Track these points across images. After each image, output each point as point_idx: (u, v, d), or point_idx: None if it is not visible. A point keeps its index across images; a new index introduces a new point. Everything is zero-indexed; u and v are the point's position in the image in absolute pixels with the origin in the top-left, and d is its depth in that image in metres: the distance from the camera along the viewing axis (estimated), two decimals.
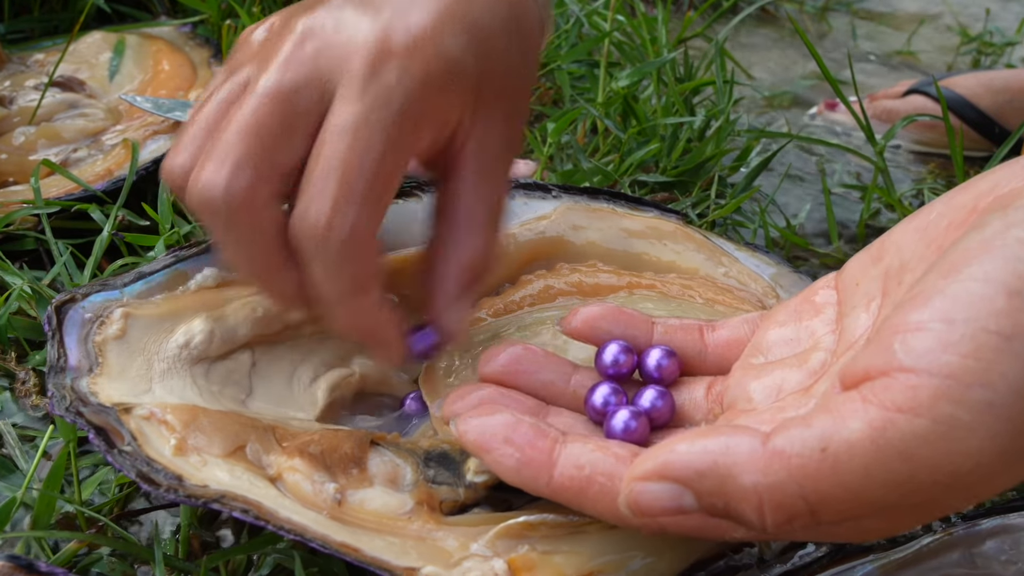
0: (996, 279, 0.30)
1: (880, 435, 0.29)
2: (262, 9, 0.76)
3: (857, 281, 0.39)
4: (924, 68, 1.05)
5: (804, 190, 0.78)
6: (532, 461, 0.35)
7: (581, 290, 0.52)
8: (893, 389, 0.30)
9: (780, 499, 0.30)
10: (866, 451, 0.29)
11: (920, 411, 0.29)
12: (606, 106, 0.75)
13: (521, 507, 0.40)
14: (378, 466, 0.41)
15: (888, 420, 0.29)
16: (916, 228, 0.37)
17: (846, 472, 0.30)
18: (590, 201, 0.56)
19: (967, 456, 0.29)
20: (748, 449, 0.31)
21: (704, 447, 0.32)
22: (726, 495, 0.31)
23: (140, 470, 0.38)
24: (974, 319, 0.29)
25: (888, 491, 0.30)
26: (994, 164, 0.70)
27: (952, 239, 0.34)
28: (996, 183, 0.34)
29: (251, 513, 0.37)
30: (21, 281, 0.53)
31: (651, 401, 0.41)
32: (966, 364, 0.29)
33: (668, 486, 0.32)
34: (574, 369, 0.43)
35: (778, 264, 0.56)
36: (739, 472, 0.31)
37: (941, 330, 0.30)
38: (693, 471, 0.31)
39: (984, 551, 0.41)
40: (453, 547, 0.38)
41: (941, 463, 0.29)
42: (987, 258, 0.30)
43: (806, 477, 0.30)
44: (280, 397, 0.46)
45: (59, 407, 0.40)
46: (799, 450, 0.30)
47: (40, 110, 0.67)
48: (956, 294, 0.30)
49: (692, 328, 0.43)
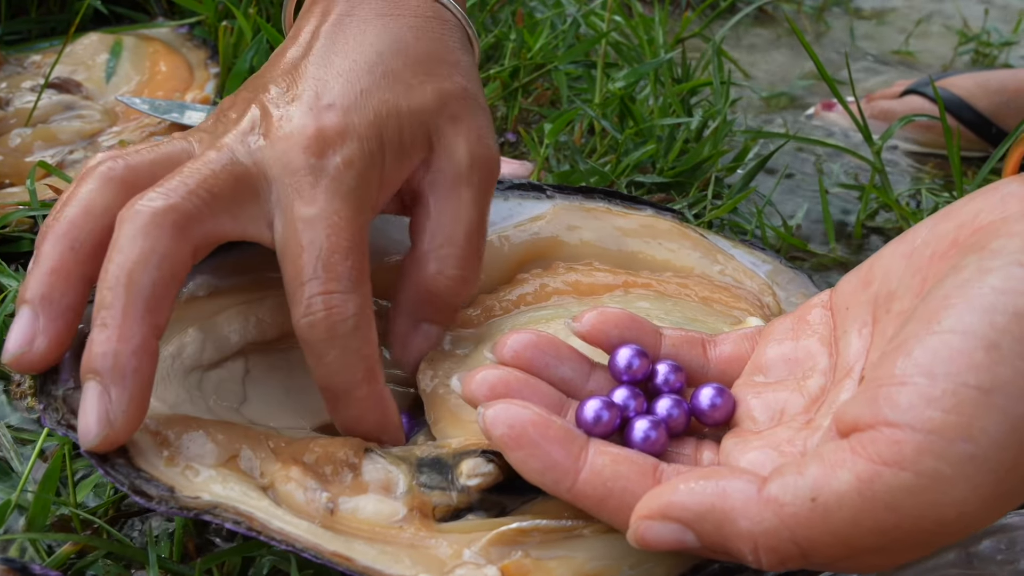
0: (974, 332, 0.31)
1: (867, 487, 0.31)
2: (258, 11, 0.76)
3: (847, 305, 0.40)
4: (922, 68, 1.05)
5: (801, 190, 0.78)
6: (557, 465, 0.36)
7: (577, 289, 0.52)
8: (879, 443, 0.31)
9: (773, 544, 0.32)
10: (854, 502, 0.31)
11: (905, 465, 0.31)
12: (603, 107, 0.75)
13: (515, 511, 0.40)
14: (371, 473, 0.41)
15: (875, 473, 0.31)
16: (903, 255, 0.38)
17: (835, 521, 0.31)
18: (585, 200, 0.56)
19: (951, 507, 0.31)
20: (744, 495, 0.33)
21: (704, 490, 0.34)
22: (724, 536, 0.33)
23: (132, 482, 0.38)
24: (954, 374, 0.31)
25: (876, 538, 0.31)
26: (991, 164, 0.70)
27: (936, 271, 0.35)
28: (977, 212, 0.35)
29: (243, 524, 0.36)
30: (17, 283, 0.53)
31: (667, 410, 0.41)
32: (948, 419, 0.30)
33: (671, 526, 0.34)
34: (592, 368, 0.43)
35: (774, 261, 0.56)
36: (736, 517, 0.33)
37: (923, 385, 0.31)
38: (693, 513, 0.33)
39: (981, 551, 0.41)
40: (446, 554, 0.38)
41: (925, 513, 0.31)
42: (965, 308, 0.32)
43: (798, 525, 0.32)
44: (275, 405, 0.45)
45: (50, 420, 0.40)
46: (791, 499, 0.32)
47: (36, 112, 0.67)
48: (936, 347, 0.32)
49: (696, 342, 0.44)
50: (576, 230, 0.55)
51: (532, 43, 0.81)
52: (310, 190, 0.42)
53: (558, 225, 0.54)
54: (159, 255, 0.39)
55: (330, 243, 0.41)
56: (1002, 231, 0.33)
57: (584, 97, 0.79)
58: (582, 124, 0.76)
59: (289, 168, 0.42)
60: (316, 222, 0.41)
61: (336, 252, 0.41)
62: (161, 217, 0.39)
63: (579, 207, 0.55)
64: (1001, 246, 0.33)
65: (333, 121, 0.43)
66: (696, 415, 0.41)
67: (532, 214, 0.55)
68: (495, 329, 0.49)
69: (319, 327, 0.40)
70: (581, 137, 0.76)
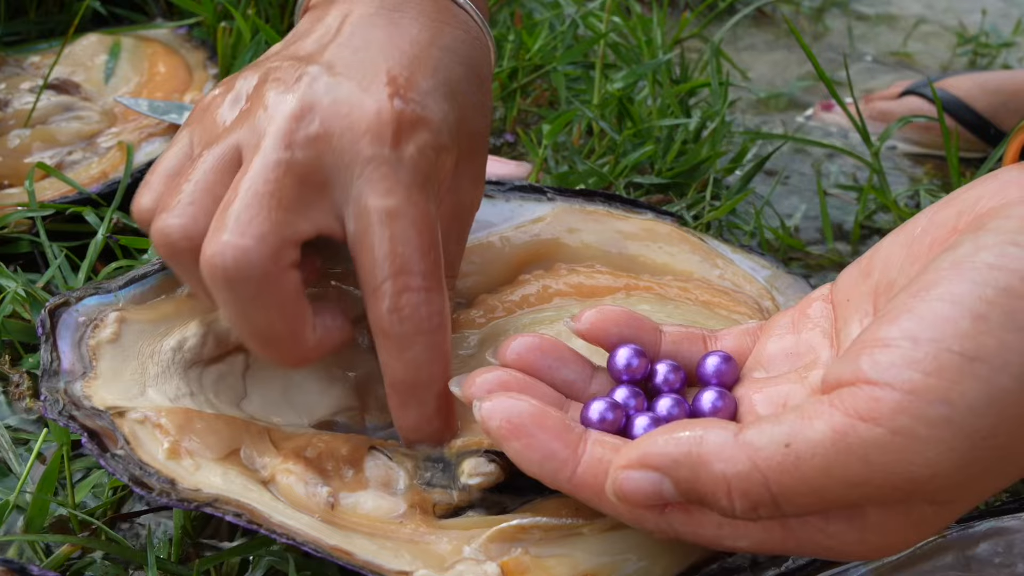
0: (963, 302, 0.31)
1: (841, 438, 0.31)
2: (257, 12, 0.76)
3: (848, 297, 0.40)
4: (920, 69, 1.05)
5: (800, 191, 0.79)
6: (556, 455, 0.36)
7: (580, 291, 0.52)
8: (858, 398, 0.32)
9: (746, 487, 0.32)
10: (827, 451, 0.31)
11: (880, 421, 0.31)
12: (601, 108, 0.75)
13: (515, 510, 0.40)
14: (372, 470, 0.41)
15: (850, 426, 0.31)
16: (902, 244, 0.38)
17: (807, 468, 0.32)
18: (585, 203, 0.56)
19: (923, 466, 0.31)
20: (720, 440, 0.33)
21: (680, 437, 0.34)
22: (699, 482, 0.33)
23: (133, 474, 0.38)
24: (939, 339, 0.31)
25: (847, 490, 0.32)
26: (989, 165, 0.70)
27: (934, 257, 0.35)
28: (977, 199, 0.36)
29: (244, 517, 0.37)
30: (15, 284, 0.53)
31: (667, 409, 0.40)
32: (928, 382, 0.31)
33: (649, 474, 0.34)
34: (594, 371, 0.43)
35: (773, 266, 0.56)
36: (710, 460, 0.33)
37: (907, 348, 0.31)
38: (670, 459, 0.33)
39: (978, 554, 0.41)
40: (446, 550, 0.38)
41: (897, 469, 0.31)
42: (956, 280, 0.32)
43: (770, 469, 0.32)
44: (274, 400, 0.45)
45: (52, 411, 0.40)
46: (766, 443, 0.32)
47: (35, 113, 0.67)
48: (923, 314, 0.32)
49: (697, 338, 0.44)
50: (577, 232, 0.55)
51: (530, 44, 0.81)
52: (386, 181, 0.40)
53: (559, 227, 0.55)
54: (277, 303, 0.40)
55: (418, 237, 0.40)
56: (1000, 214, 0.34)
57: (582, 98, 0.79)
58: (580, 125, 0.77)
59: (359, 158, 0.40)
60: (398, 215, 0.40)
61: (421, 247, 0.40)
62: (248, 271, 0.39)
63: (580, 210, 0.55)
64: (998, 226, 0.33)
65: (404, 108, 0.42)
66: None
67: (533, 216, 0.55)
68: (498, 330, 0.49)
69: (409, 322, 0.40)
70: (579, 138, 0.76)
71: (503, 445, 0.37)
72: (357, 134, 0.41)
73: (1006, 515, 0.42)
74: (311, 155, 0.40)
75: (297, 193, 0.40)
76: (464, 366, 0.47)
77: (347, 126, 0.41)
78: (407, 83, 0.42)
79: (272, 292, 0.39)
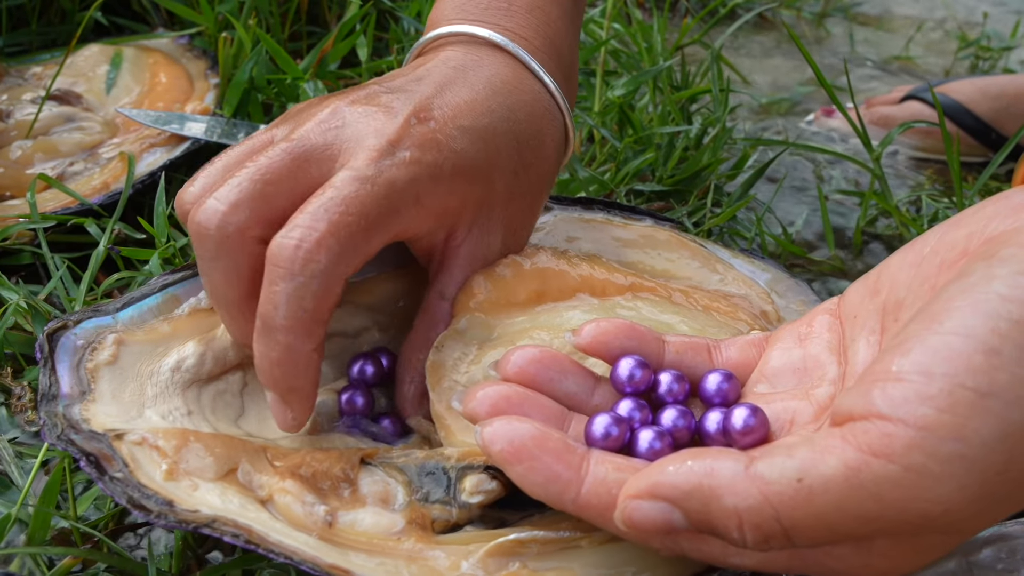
0: (975, 335, 0.31)
1: (854, 475, 0.31)
2: (258, 22, 0.76)
3: (855, 314, 0.40)
4: (921, 73, 1.05)
5: (801, 197, 0.78)
6: (559, 477, 0.36)
7: (591, 284, 0.51)
8: (871, 433, 0.31)
9: (757, 521, 0.32)
10: (840, 487, 0.31)
11: (893, 457, 0.31)
12: (602, 115, 0.75)
13: (515, 523, 0.40)
14: (369, 486, 0.41)
15: (863, 462, 0.31)
16: (911, 263, 0.38)
17: (820, 504, 0.32)
18: (584, 212, 0.56)
19: (935, 503, 0.31)
20: (731, 472, 0.33)
21: (691, 469, 0.33)
22: (710, 514, 0.33)
23: (131, 496, 0.38)
24: (952, 374, 0.31)
25: (859, 525, 0.32)
26: (991, 170, 0.70)
27: (944, 280, 0.35)
28: (988, 220, 0.35)
29: (242, 537, 0.37)
30: (17, 296, 0.53)
31: (672, 420, 0.40)
32: (941, 418, 0.31)
33: (659, 504, 0.34)
34: (596, 382, 0.43)
35: (774, 270, 0.56)
36: (722, 493, 0.33)
37: (920, 382, 0.31)
38: (680, 492, 0.33)
39: (981, 560, 0.41)
40: (444, 566, 0.38)
41: (909, 506, 0.31)
42: (969, 312, 0.32)
43: (782, 504, 0.32)
44: (272, 417, 0.45)
45: (51, 435, 0.40)
46: (777, 477, 0.32)
47: (37, 124, 0.67)
48: (936, 347, 0.32)
49: (701, 348, 0.43)
50: (575, 241, 0.55)
51: None
52: (367, 157, 0.42)
53: (557, 236, 0.54)
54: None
55: (341, 203, 0.41)
56: (1012, 240, 0.33)
57: (583, 105, 0.79)
58: (581, 132, 0.77)
59: (362, 144, 0.43)
60: (352, 180, 0.41)
61: (332, 207, 0.41)
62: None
63: (578, 218, 0.55)
64: (1010, 254, 0.33)
65: (418, 126, 0.44)
66: (729, 436, 0.40)
67: None
68: (509, 329, 0.48)
69: (284, 251, 0.40)
70: (580, 145, 0.76)
71: (506, 469, 0.37)
72: (366, 133, 0.43)
73: (1009, 521, 0.42)
74: (321, 140, 0.44)
75: (288, 174, 0.43)
76: (466, 377, 0.47)
77: (363, 125, 0.44)
78: (439, 115, 0.45)
79: (231, 257, 0.42)
